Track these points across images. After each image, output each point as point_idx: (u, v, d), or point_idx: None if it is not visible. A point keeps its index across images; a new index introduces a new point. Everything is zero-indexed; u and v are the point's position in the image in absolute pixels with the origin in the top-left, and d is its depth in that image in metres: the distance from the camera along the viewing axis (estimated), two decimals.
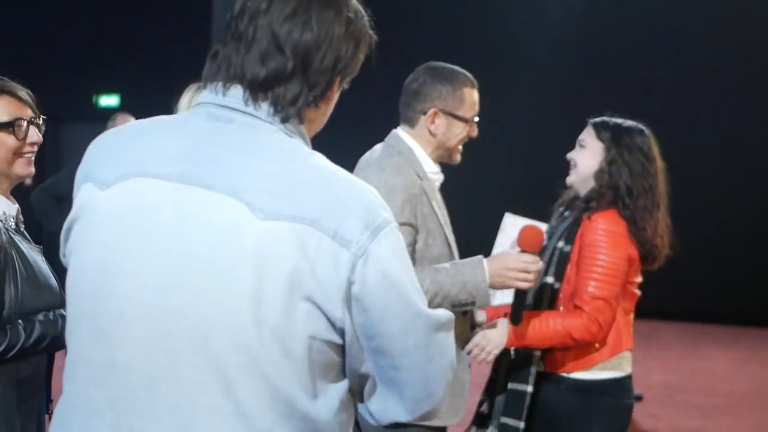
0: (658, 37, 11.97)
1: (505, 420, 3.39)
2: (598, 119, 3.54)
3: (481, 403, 3.61)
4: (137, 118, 6.39)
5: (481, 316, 3.53)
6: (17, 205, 2.77)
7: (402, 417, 1.66)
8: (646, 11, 12.07)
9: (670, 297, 9.93)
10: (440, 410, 1.67)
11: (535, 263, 3.16)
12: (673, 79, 11.89)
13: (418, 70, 3.35)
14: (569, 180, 3.55)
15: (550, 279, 3.41)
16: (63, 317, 2.63)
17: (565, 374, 3.42)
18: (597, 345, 3.39)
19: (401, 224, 3.06)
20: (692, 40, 11.85)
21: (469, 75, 3.36)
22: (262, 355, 1.52)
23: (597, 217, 3.38)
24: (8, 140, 2.70)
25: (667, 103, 11.56)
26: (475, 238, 4.33)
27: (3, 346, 2.54)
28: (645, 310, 4.77)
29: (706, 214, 11.82)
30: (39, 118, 2.78)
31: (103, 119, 9.41)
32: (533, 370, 3.37)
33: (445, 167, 3.39)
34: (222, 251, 1.53)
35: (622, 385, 3.45)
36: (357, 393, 1.65)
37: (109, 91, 13.76)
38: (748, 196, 12.13)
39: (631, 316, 3.51)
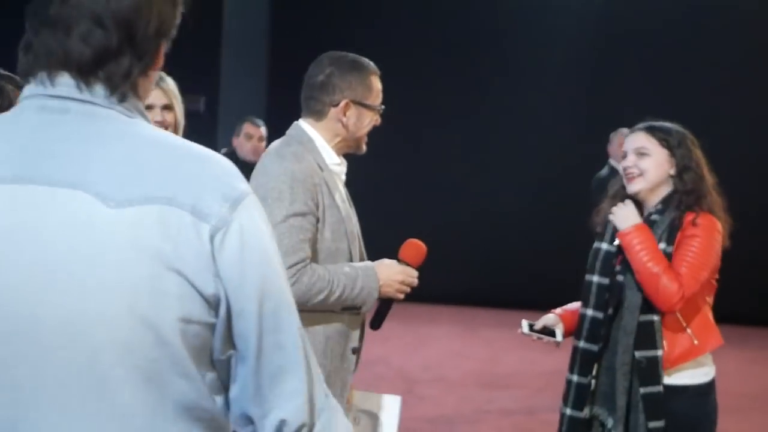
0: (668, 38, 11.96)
1: (653, 424, 3.46)
2: (648, 125, 3.62)
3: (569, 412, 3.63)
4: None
5: (559, 333, 3.65)
6: None
7: (254, 411, 1.55)
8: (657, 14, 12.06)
9: None
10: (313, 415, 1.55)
11: (415, 278, 3.25)
12: (680, 82, 11.87)
13: (320, 62, 3.29)
14: (635, 188, 3.58)
15: None
16: None
17: (674, 381, 3.52)
18: (696, 341, 3.52)
19: (303, 214, 3.07)
20: (703, 40, 11.83)
21: (372, 62, 3.33)
22: (135, 347, 1.44)
23: (700, 218, 3.52)
24: None
25: (674, 106, 11.55)
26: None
27: None
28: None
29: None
30: None
31: None
32: (661, 371, 3.46)
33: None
34: (77, 247, 1.44)
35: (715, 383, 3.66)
36: (223, 380, 1.55)
37: None
38: (758, 196, 12.10)
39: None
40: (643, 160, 3.55)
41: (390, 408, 3.51)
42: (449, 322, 11.60)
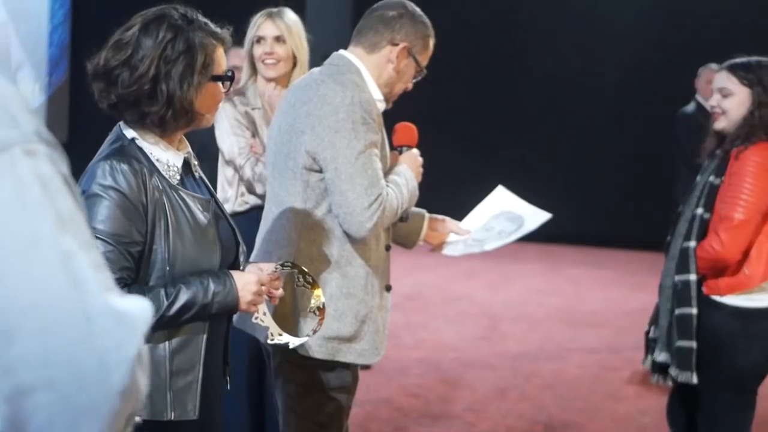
0: None
1: (680, 343, 3.61)
2: (730, 63, 3.70)
3: (648, 333, 3.85)
4: None
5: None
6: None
7: None
8: None
9: None
10: None
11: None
12: None
13: (396, 1, 3.17)
14: (719, 126, 3.70)
15: (700, 210, 3.62)
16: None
17: (719, 298, 3.59)
18: (746, 271, 3.55)
19: (375, 144, 3.00)
20: None
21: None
22: None
23: (749, 152, 3.55)
24: None
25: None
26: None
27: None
28: None
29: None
30: None
31: None
32: (694, 293, 3.59)
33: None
34: None
35: None
36: None
37: None
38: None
39: None
40: (726, 100, 3.66)
41: None
42: (534, 259, 11.58)
